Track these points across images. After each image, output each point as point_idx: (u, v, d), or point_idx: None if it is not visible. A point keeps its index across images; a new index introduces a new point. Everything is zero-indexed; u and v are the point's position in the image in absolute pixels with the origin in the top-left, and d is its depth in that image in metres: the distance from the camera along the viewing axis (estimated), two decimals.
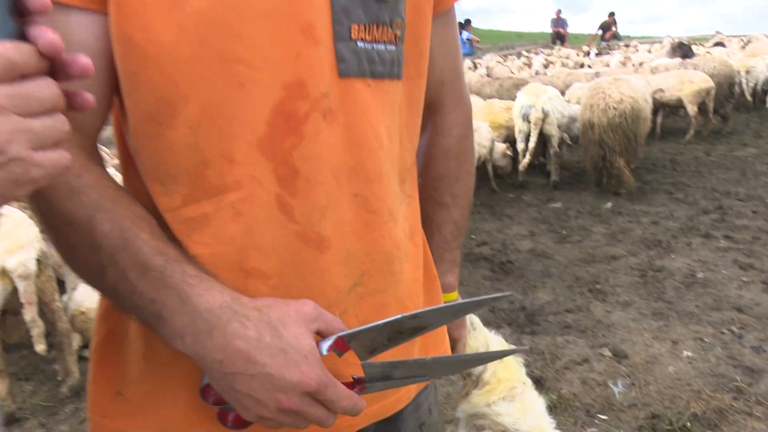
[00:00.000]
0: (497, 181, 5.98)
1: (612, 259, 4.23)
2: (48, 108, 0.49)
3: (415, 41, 0.81)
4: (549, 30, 20.33)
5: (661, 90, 7.30)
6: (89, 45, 0.66)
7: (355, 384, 0.70)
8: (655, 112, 7.23)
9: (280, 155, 0.69)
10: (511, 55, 16.54)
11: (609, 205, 5.43)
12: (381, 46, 0.74)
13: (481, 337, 1.07)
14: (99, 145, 0.76)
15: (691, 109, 7.48)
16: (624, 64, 8.87)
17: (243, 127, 0.68)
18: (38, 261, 2.62)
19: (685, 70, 7.67)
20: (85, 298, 3.05)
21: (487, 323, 3.39)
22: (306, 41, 0.68)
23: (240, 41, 0.65)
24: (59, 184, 0.65)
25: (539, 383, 2.75)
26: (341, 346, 0.68)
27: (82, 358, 3.00)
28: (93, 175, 0.68)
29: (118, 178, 0.76)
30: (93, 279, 0.68)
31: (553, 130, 5.67)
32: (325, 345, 0.67)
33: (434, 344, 0.93)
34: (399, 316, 0.69)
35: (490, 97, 7.00)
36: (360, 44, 0.72)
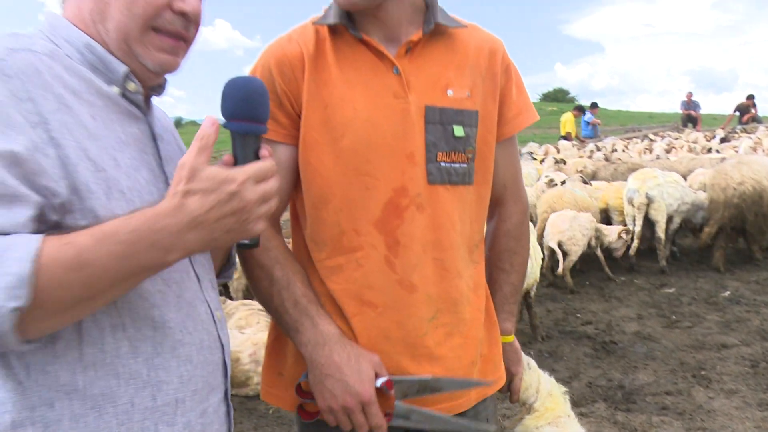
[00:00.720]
0: (608, 263, 6.03)
1: (722, 348, 4.17)
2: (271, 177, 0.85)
3: (482, 159, 1.23)
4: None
5: None
6: (286, 163, 1.15)
7: (386, 415, 1.09)
8: None
9: (389, 231, 1.12)
10: (636, 137, 16.26)
11: (727, 293, 5.30)
12: (456, 165, 1.17)
13: (534, 375, 1.40)
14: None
15: None
16: (754, 149, 8.59)
17: (366, 213, 1.12)
18: None
19: None
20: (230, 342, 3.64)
21: (582, 398, 3.59)
22: (408, 163, 1.13)
23: (369, 163, 1.11)
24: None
25: None
26: (389, 385, 1.09)
27: None
28: (276, 241, 1.16)
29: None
30: (265, 301, 1.16)
31: (658, 216, 5.69)
32: (380, 381, 1.08)
33: (492, 371, 1.29)
34: (428, 377, 1.11)
35: (605, 180, 7.13)
36: (443, 164, 1.15)
